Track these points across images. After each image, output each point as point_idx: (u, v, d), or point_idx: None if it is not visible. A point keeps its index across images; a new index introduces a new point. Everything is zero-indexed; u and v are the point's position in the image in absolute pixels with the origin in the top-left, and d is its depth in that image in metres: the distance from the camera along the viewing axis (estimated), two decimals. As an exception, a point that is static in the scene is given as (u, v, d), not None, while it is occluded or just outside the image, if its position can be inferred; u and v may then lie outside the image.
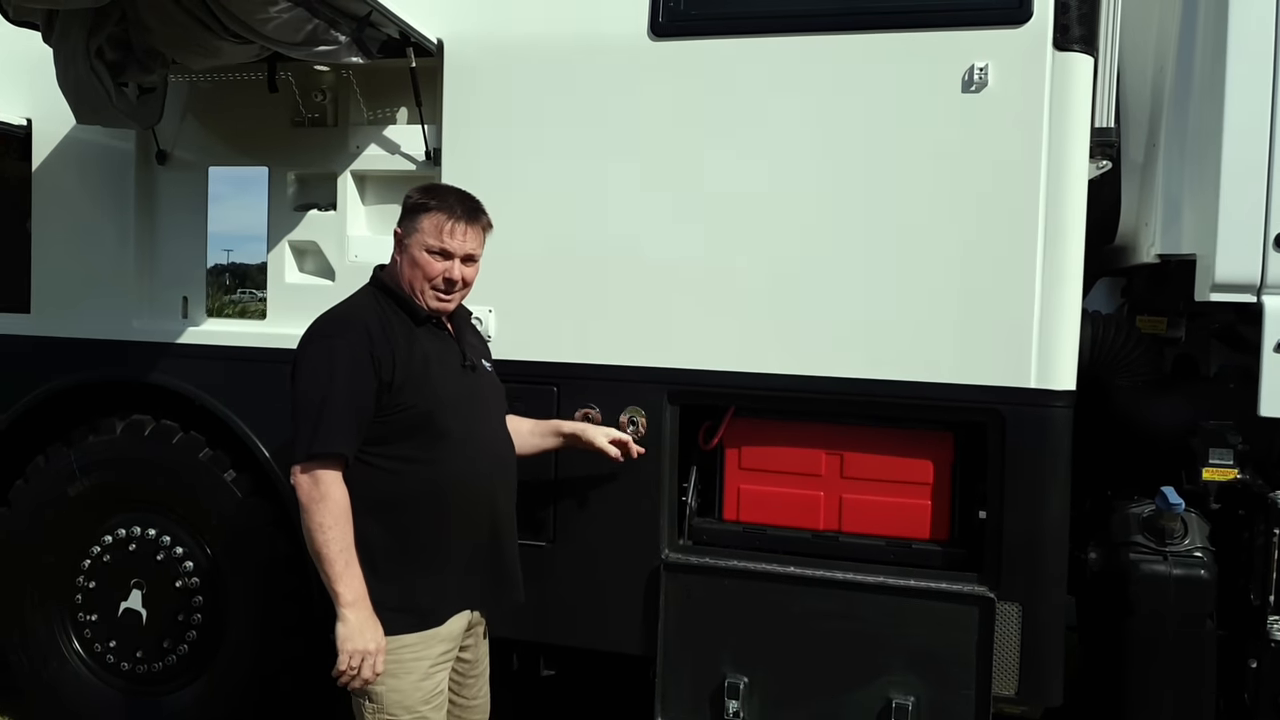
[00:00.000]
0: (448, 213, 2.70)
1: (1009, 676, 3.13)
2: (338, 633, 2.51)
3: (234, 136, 3.84)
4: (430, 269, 2.69)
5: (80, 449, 3.98)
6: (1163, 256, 3.26)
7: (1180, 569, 3.07)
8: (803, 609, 3.26)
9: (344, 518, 2.52)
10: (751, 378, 3.27)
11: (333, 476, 2.53)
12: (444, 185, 2.85)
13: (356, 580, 2.52)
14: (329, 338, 2.62)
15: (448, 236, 2.69)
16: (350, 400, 2.54)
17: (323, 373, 2.56)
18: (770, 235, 3.24)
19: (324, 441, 2.52)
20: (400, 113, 3.69)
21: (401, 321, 2.69)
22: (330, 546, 2.50)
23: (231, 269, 3.87)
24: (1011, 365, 3.06)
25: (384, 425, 2.60)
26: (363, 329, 2.60)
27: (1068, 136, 2.99)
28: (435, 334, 2.77)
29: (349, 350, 2.56)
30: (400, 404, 2.60)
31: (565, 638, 3.51)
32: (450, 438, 2.66)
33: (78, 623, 4.06)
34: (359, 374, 2.55)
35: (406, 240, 2.72)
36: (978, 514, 3.23)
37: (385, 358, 2.58)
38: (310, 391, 2.56)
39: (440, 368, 2.70)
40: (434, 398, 2.64)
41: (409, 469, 2.63)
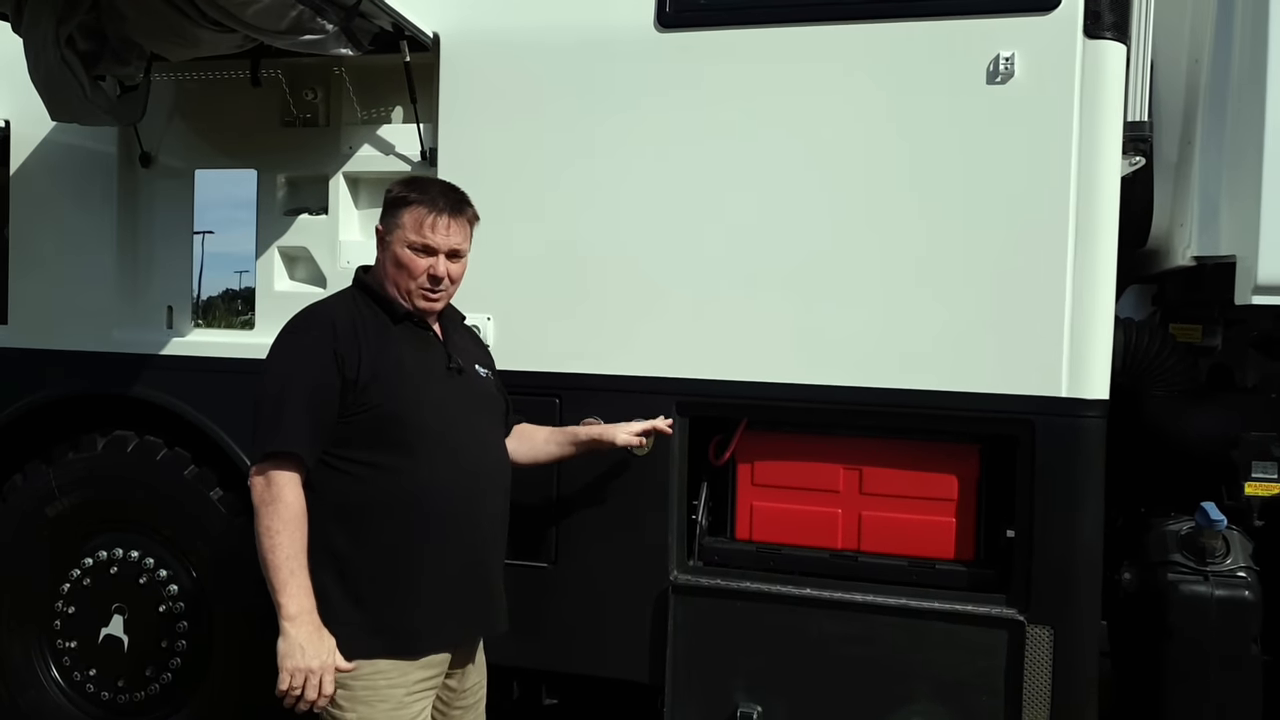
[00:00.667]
0: (429, 206, 2.57)
1: (1040, 705, 2.97)
2: (278, 648, 2.36)
3: (221, 138, 3.71)
4: (414, 266, 2.56)
5: (60, 466, 3.84)
6: (1199, 259, 3.11)
7: (1223, 590, 2.93)
8: (820, 633, 3.11)
9: (294, 523, 2.37)
10: (765, 388, 3.13)
11: (287, 478, 2.39)
12: (426, 177, 2.70)
13: (302, 593, 2.36)
14: (293, 333, 2.53)
15: (429, 231, 2.56)
16: (309, 397, 2.41)
17: (282, 369, 2.46)
18: (785, 238, 3.11)
19: (279, 439, 2.39)
20: (395, 111, 3.56)
21: (376, 319, 2.56)
22: (276, 553, 2.35)
23: (218, 277, 3.73)
24: (1042, 373, 2.90)
25: (348, 426, 2.46)
26: (328, 324, 2.49)
27: (1100, 130, 2.85)
28: (415, 334, 2.62)
29: (311, 346, 2.46)
30: (365, 404, 2.45)
31: (568, 664, 3.36)
32: (423, 443, 2.49)
33: (56, 650, 3.90)
34: (319, 370, 2.43)
35: (388, 237, 2.59)
36: (1005, 532, 3.07)
37: (349, 354, 2.45)
38: (268, 387, 2.45)
39: (416, 369, 2.56)
40: (403, 399, 2.49)
41: (375, 475, 2.47)
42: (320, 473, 2.45)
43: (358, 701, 2.43)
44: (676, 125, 3.17)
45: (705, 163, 3.15)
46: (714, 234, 3.15)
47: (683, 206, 3.18)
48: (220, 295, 3.73)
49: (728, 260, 3.15)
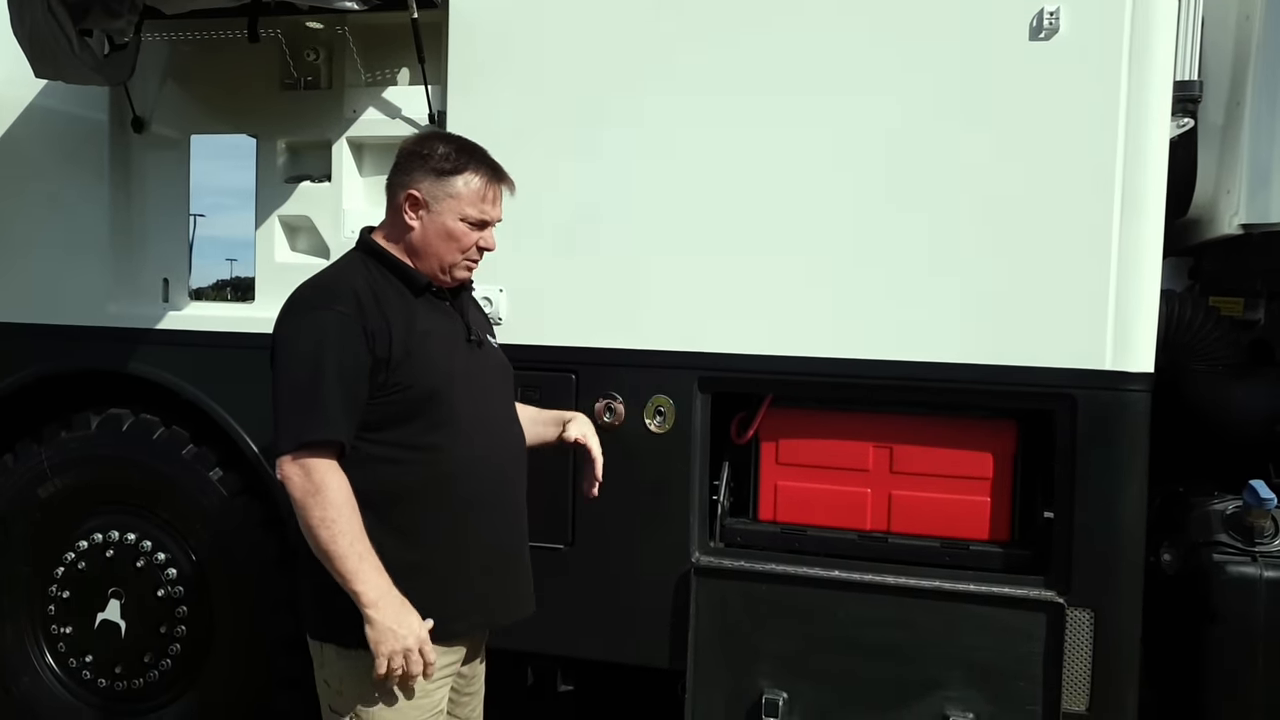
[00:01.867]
0: (488, 176, 2.41)
1: (1080, 690, 2.87)
2: (369, 636, 2.22)
3: (218, 102, 3.57)
4: (466, 240, 2.41)
5: (52, 446, 3.73)
6: (1246, 227, 2.98)
7: (1271, 571, 2.83)
8: (848, 617, 3.01)
9: (347, 506, 2.22)
10: (791, 362, 3.01)
11: (327, 465, 2.23)
12: (469, 143, 2.50)
13: (375, 573, 2.22)
14: (315, 309, 2.32)
15: (489, 205, 2.42)
16: (342, 379, 2.25)
17: (310, 349, 2.26)
18: (812, 205, 2.97)
19: (316, 427, 2.22)
20: (401, 73, 3.42)
21: (397, 291, 2.40)
22: (339, 542, 2.19)
23: (216, 247, 3.59)
24: (1085, 344, 2.78)
25: (381, 408, 2.31)
26: (352, 298, 2.31)
27: (1148, 90, 2.72)
28: (436, 306, 2.47)
29: (339, 322, 2.27)
30: (399, 383, 2.31)
31: (585, 650, 3.26)
32: (457, 421, 2.37)
33: (51, 636, 3.80)
34: (351, 349, 2.26)
35: (436, 206, 2.39)
36: (1042, 512, 2.96)
37: (379, 330, 2.29)
38: (297, 371, 2.26)
39: (443, 343, 2.42)
40: (437, 375, 2.35)
41: (411, 457, 2.33)
42: (351, 458, 2.30)
43: (385, 693, 2.31)
44: (705, 86, 3.03)
45: (730, 127, 3.01)
46: (737, 202, 3.02)
47: (705, 173, 3.04)
48: (218, 266, 3.60)
49: (752, 229, 3.01)
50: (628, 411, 3.12)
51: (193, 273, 3.66)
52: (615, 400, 3.13)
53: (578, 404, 3.14)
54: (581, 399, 3.15)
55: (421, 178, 2.39)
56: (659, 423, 3.09)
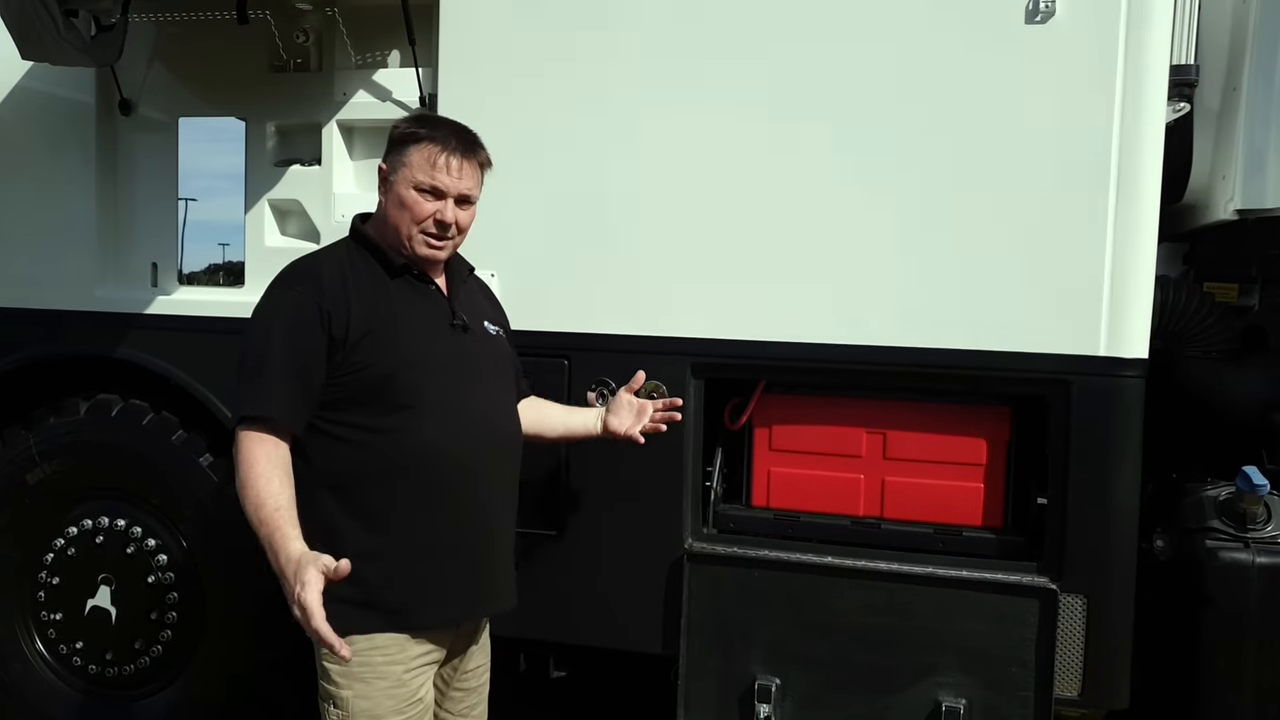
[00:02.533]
0: (440, 144, 2.37)
1: (1072, 677, 2.88)
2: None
3: (206, 84, 3.53)
4: (419, 209, 2.37)
5: (40, 432, 3.71)
6: (1242, 213, 2.97)
7: (1264, 557, 2.81)
8: (841, 603, 3.00)
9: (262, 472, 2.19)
10: (785, 348, 2.99)
11: (256, 437, 2.23)
12: (437, 115, 2.51)
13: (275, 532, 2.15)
14: (275, 289, 2.37)
15: (440, 172, 2.36)
16: (290, 359, 2.26)
17: (265, 327, 2.31)
18: (806, 189, 2.95)
19: (253, 404, 2.25)
20: (392, 55, 3.40)
21: (372, 273, 2.39)
22: (247, 507, 2.19)
23: (205, 232, 3.57)
24: (1079, 331, 2.77)
25: (339, 388, 2.30)
26: (314, 280, 2.32)
27: (1145, 74, 2.69)
28: (413, 287, 2.43)
29: (294, 302, 2.30)
30: (355, 363, 2.29)
31: (577, 636, 3.25)
32: (420, 405, 2.32)
33: (41, 622, 3.79)
34: (303, 329, 2.27)
35: (392, 177, 2.39)
36: (1036, 498, 2.95)
37: (337, 311, 2.28)
38: (250, 347, 2.31)
39: (415, 325, 2.38)
40: (398, 357, 2.32)
41: (370, 439, 2.30)
42: (310, 439, 2.30)
43: (354, 679, 2.29)
44: (698, 66, 3.00)
45: (724, 110, 2.98)
46: (732, 188, 3.00)
47: (699, 157, 3.02)
48: (208, 251, 3.57)
49: (745, 214, 2.99)
50: (622, 395, 3.10)
51: (184, 257, 3.61)
52: (608, 386, 3.11)
53: (570, 390, 3.12)
54: (574, 385, 3.12)
55: (388, 151, 2.42)
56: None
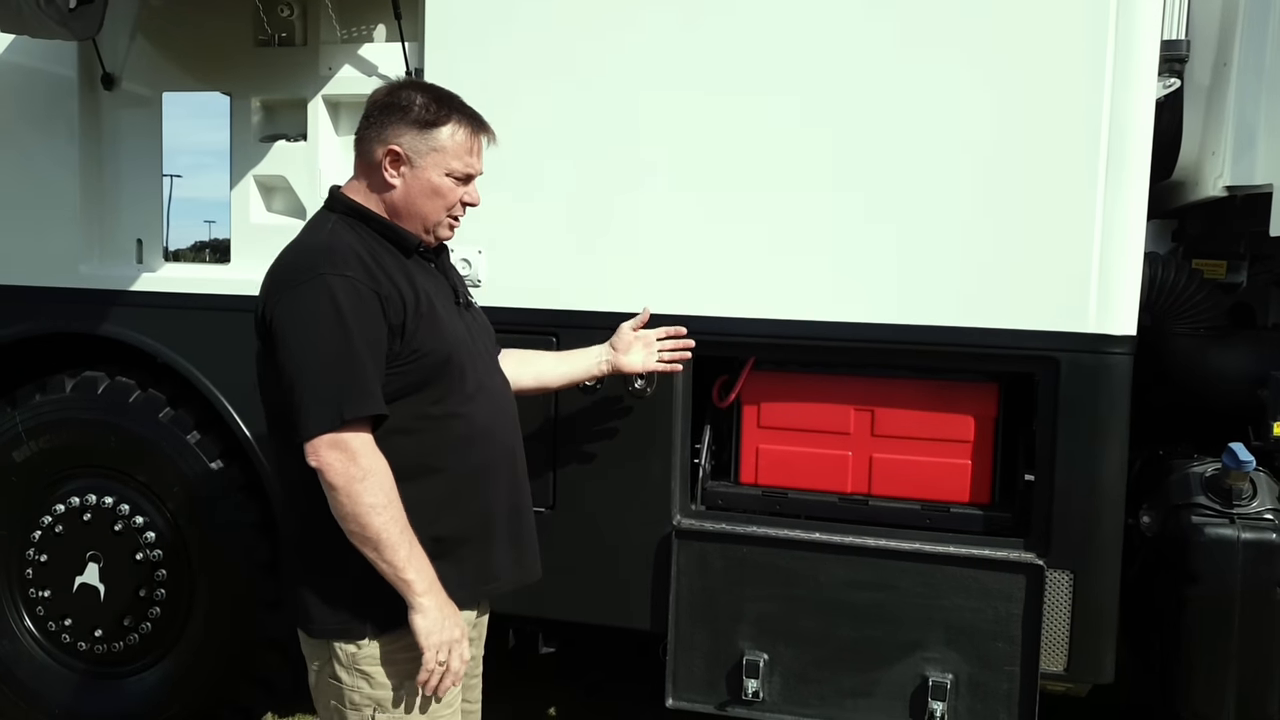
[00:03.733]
0: (472, 127, 2.25)
1: (1058, 651, 2.90)
2: (416, 627, 2.10)
3: (190, 58, 3.48)
4: (451, 196, 2.25)
5: (26, 409, 3.68)
6: (1231, 189, 2.96)
7: (1249, 532, 2.82)
8: (829, 579, 3.01)
9: (393, 492, 2.09)
10: (773, 325, 2.99)
11: (370, 444, 2.08)
12: (437, 87, 2.34)
13: (424, 562, 2.11)
14: (320, 275, 2.08)
15: (475, 158, 2.27)
16: (369, 349, 2.08)
17: (330, 319, 2.05)
18: (792, 165, 2.93)
19: (357, 403, 2.05)
20: (378, 30, 3.34)
21: (389, 253, 2.22)
22: (390, 530, 2.06)
23: (191, 208, 3.52)
24: (1068, 308, 2.77)
25: (398, 378, 2.15)
26: (360, 263, 2.12)
27: (1135, 49, 2.67)
28: (424, 268, 2.31)
29: (353, 289, 2.08)
30: (415, 350, 2.15)
31: (566, 612, 3.24)
32: (467, 386, 2.24)
33: (29, 599, 3.78)
34: (368, 318, 2.09)
35: (419, 161, 2.21)
36: (1023, 474, 2.97)
37: (392, 296, 2.13)
38: (317, 346, 2.06)
39: (441, 306, 2.26)
40: (447, 341, 2.22)
41: (425, 426, 2.19)
42: None
43: (404, 676, 2.19)
44: (685, 42, 2.97)
45: (711, 85, 2.96)
46: (719, 165, 2.98)
47: (686, 133, 3.00)
48: (193, 228, 3.53)
49: (733, 190, 2.98)
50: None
51: (170, 234, 3.58)
52: None
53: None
54: (563, 362, 3.12)
55: (402, 131, 2.20)
56: (640, 386, 3.06)
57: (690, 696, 3.13)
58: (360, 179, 2.28)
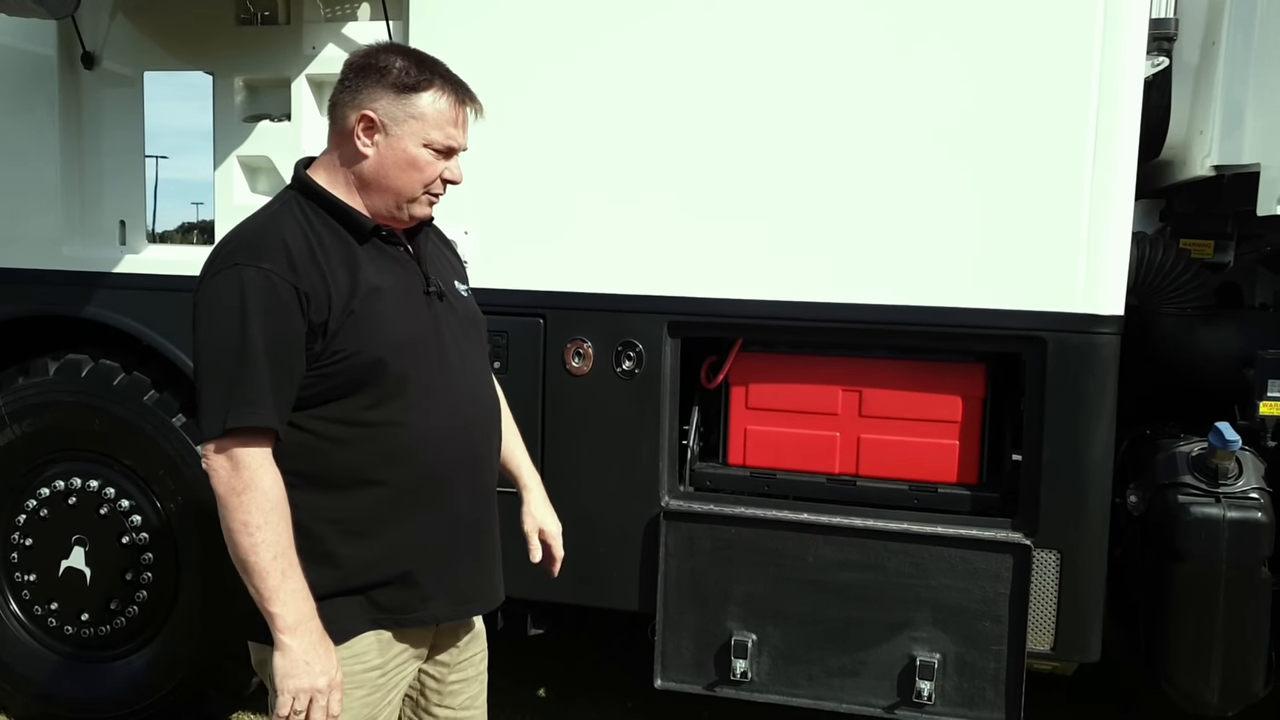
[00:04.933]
0: (456, 96, 2.04)
1: (1045, 631, 2.92)
2: (275, 665, 1.88)
3: (172, 37, 3.43)
4: (429, 170, 2.04)
5: (9, 392, 3.65)
6: (1219, 169, 2.95)
7: (1235, 511, 2.83)
8: (817, 560, 3.01)
9: (276, 513, 1.89)
10: (761, 305, 2.99)
11: (259, 457, 1.89)
12: (420, 52, 2.11)
13: (298, 597, 1.88)
14: (236, 265, 1.91)
15: (457, 129, 2.06)
16: (274, 352, 1.89)
17: (233, 316, 1.89)
18: (779, 146, 2.92)
19: (243, 412, 1.87)
20: (362, 9, 3.30)
21: (337, 239, 2.01)
22: (260, 552, 1.86)
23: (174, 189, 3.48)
24: (1055, 288, 2.78)
25: (320, 380, 1.96)
26: (282, 253, 1.92)
27: (1123, 27, 2.67)
28: (384, 253, 2.08)
29: (265, 283, 1.89)
30: (339, 350, 1.95)
31: (555, 594, 3.20)
32: (410, 391, 2.02)
33: (14, 583, 3.76)
34: (281, 316, 1.90)
35: (396, 129, 2.00)
36: (1010, 454, 2.97)
37: (315, 291, 1.92)
38: (218, 343, 1.91)
39: (393, 298, 2.04)
40: (384, 339, 1.99)
41: (357, 434, 1.99)
42: (287, 438, 1.96)
43: None
44: (667, 24, 2.95)
45: (697, 64, 2.95)
46: (706, 143, 2.97)
47: (673, 112, 2.98)
48: (176, 209, 3.49)
49: (721, 171, 2.96)
50: (597, 356, 3.09)
51: (157, 216, 3.54)
52: (584, 344, 3.09)
53: (546, 348, 3.10)
54: (550, 343, 3.11)
55: (379, 95, 1.99)
56: (628, 367, 3.06)
57: (679, 677, 3.14)
58: (332, 150, 2.09)
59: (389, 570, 2.05)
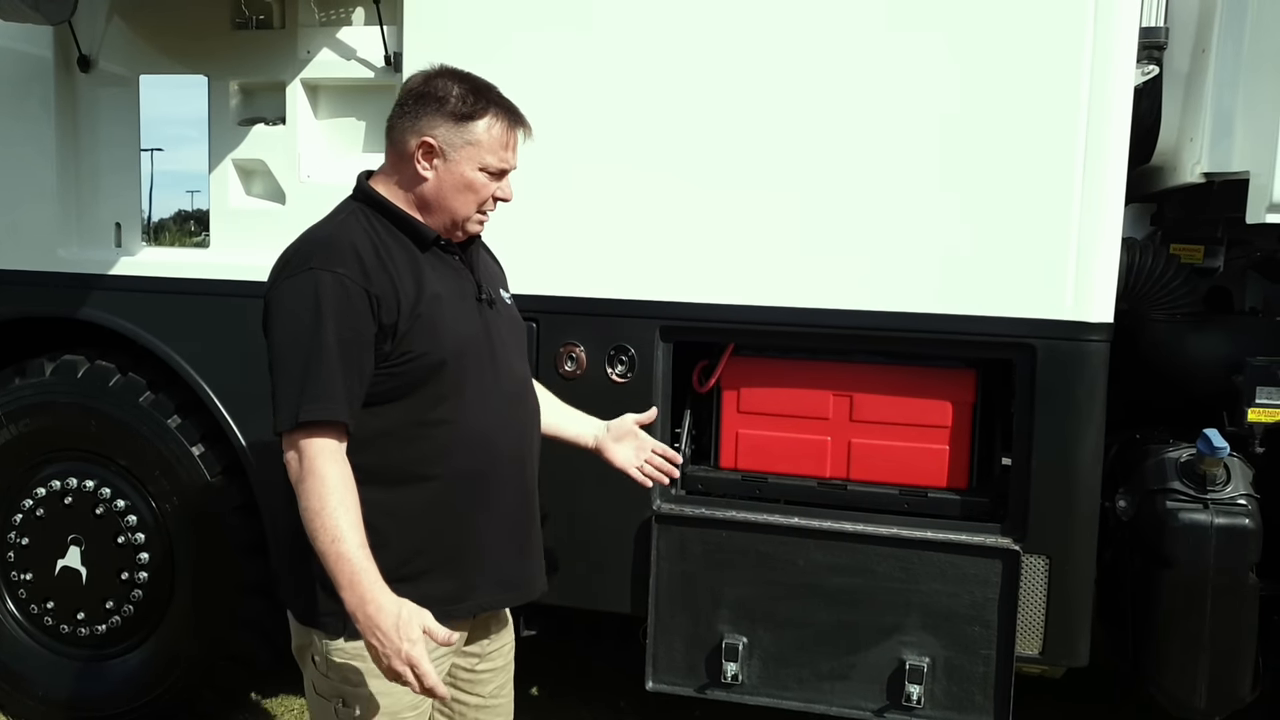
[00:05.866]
0: (509, 121, 2.19)
1: (1033, 635, 2.93)
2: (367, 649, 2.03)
3: (168, 40, 3.43)
4: (484, 191, 2.19)
5: (6, 393, 3.67)
6: (1209, 176, 2.96)
7: (1223, 518, 2.84)
8: (807, 564, 3.02)
9: (334, 498, 1.99)
10: (753, 311, 2.99)
11: (326, 448, 2.01)
12: (475, 77, 2.23)
13: (357, 579, 1.96)
14: (311, 269, 2.05)
15: (511, 153, 2.21)
16: (346, 352, 2.03)
17: (308, 317, 2.02)
18: (771, 152, 2.93)
19: (314, 407, 2.00)
20: (356, 13, 3.31)
21: (401, 247, 2.15)
22: (319, 537, 1.97)
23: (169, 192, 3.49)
24: (1045, 295, 2.78)
25: (387, 379, 2.10)
26: (354, 259, 2.06)
27: (1114, 36, 2.67)
28: (443, 261, 2.23)
29: (339, 285, 2.03)
30: (406, 352, 2.10)
31: (547, 596, 3.13)
32: (465, 391, 2.16)
33: (11, 582, 3.78)
34: (353, 317, 2.03)
35: (453, 154, 2.15)
36: (1000, 460, 2.99)
37: (385, 295, 2.06)
38: (293, 341, 2.04)
39: (452, 303, 2.19)
40: (445, 342, 2.14)
41: (415, 430, 2.14)
42: (355, 435, 2.08)
43: (372, 675, 2.12)
44: (665, 26, 2.96)
45: (689, 70, 2.95)
46: (698, 148, 2.97)
47: (665, 118, 2.99)
48: (172, 212, 3.50)
49: (712, 176, 2.97)
50: (589, 360, 3.10)
51: (151, 209, 3.54)
52: (577, 348, 3.10)
53: (538, 353, 3.10)
54: (542, 348, 3.11)
55: (437, 122, 2.14)
56: (620, 371, 3.08)
57: (670, 679, 3.15)
58: (391, 168, 2.23)
59: (438, 561, 2.18)
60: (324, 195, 3.31)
